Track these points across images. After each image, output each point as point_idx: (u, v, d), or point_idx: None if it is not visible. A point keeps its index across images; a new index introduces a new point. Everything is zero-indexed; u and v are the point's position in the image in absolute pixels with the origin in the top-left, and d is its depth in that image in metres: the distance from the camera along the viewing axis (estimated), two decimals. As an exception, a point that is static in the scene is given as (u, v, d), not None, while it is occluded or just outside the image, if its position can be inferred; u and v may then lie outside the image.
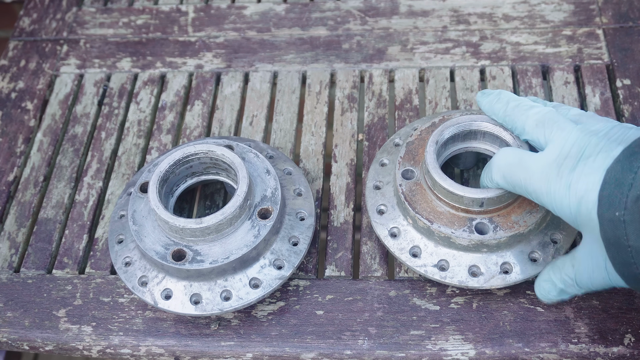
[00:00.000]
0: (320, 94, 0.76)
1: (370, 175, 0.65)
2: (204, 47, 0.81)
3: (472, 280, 0.58)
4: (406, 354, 0.59)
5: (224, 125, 0.74)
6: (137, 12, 0.86)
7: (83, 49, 0.83)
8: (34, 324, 0.63)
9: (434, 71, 0.76)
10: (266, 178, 0.61)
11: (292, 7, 0.84)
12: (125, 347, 0.61)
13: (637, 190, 0.45)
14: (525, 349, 0.58)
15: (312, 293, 0.62)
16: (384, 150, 0.66)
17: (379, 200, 0.62)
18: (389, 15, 0.81)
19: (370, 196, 0.63)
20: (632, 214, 0.45)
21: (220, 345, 0.60)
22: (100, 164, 0.73)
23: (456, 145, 0.62)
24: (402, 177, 0.60)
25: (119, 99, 0.78)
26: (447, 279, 0.58)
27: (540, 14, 0.79)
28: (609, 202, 0.47)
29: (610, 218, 0.47)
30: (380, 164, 0.65)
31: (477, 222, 0.57)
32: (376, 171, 0.65)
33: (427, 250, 0.59)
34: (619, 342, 0.58)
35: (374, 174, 0.64)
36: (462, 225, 0.57)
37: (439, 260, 0.58)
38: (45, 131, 0.76)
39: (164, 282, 0.59)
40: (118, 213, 0.65)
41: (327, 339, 0.60)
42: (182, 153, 0.61)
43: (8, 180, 0.73)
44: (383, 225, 0.61)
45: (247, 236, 0.58)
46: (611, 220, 0.47)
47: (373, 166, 0.65)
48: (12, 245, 0.68)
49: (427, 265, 0.59)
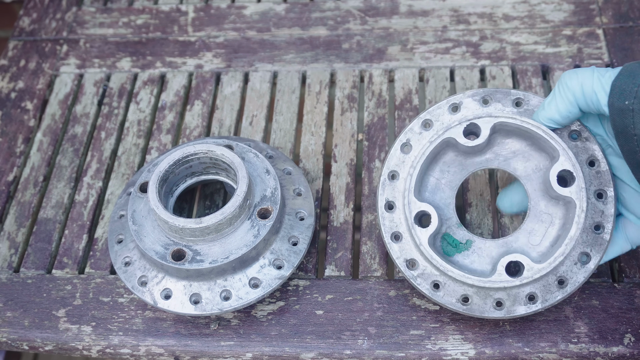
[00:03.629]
0: (320, 93, 0.76)
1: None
2: (203, 47, 0.81)
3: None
4: (406, 354, 0.59)
5: (223, 125, 0.74)
6: (137, 12, 0.86)
7: (83, 48, 0.83)
8: (33, 324, 0.63)
9: (434, 71, 0.76)
10: (266, 178, 0.61)
11: (292, 7, 0.84)
12: (125, 347, 0.61)
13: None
14: (525, 348, 0.58)
15: (311, 293, 0.62)
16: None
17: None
18: (389, 15, 0.81)
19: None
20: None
21: (220, 345, 0.60)
22: (100, 164, 0.73)
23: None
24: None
25: (118, 99, 0.78)
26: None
27: (540, 13, 0.79)
28: (620, 91, 0.49)
29: (620, 107, 0.48)
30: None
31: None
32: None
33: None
34: (618, 342, 0.58)
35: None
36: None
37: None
38: (45, 131, 0.76)
39: (163, 281, 0.59)
40: (118, 213, 0.65)
41: (327, 338, 0.60)
42: (182, 153, 0.61)
43: (8, 180, 0.73)
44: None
45: (246, 236, 0.58)
46: (621, 109, 0.48)
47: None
48: (12, 245, 0.68)
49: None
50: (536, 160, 0.59)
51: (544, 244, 0.58)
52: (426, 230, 0.56)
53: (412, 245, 0.58)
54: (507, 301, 0.56)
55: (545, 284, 0.55)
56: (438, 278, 0.57)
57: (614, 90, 0.49)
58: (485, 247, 0.59)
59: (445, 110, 0.59)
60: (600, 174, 0.56)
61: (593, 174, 0.56)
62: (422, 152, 0.58)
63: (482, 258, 0.58)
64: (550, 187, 0.56)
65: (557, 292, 0.55)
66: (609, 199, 0.56)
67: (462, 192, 0.67)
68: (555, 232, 0.58)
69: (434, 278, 0.57)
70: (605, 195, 0.56)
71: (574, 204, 0.55)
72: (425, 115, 0.59)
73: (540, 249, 0.58)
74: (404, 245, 0.58)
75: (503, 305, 0.56)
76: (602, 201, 0.56)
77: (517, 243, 0.58)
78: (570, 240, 0.54)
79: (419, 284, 0.57)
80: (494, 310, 0.56)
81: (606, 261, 0.58)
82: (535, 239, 0.58)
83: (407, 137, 0.60)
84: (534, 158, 0.59)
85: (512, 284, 0.55)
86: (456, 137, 0.57)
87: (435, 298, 0.57)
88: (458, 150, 0.60)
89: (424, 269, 0.57)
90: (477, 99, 0.59)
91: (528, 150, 0.59)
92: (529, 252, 0.58)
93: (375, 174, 0.69)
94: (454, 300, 0.56)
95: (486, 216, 0.65)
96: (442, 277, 0.57)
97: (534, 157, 0.59)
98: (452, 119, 0.59)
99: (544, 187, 0.58)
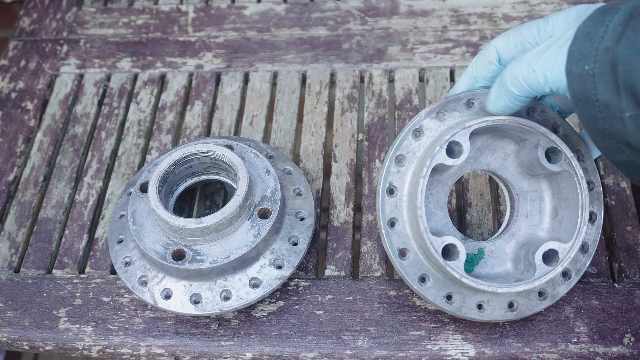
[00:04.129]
0: (320, 94, 0.76)
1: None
2: (204, 47, 0.81)
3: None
4: (406, 354, 0.59)
5: (224, 125, 0.74)
6: (137, 12, 0.86)
7: (83, 49, 0.83)
8: (33, 323, 0.63)
9: (434, 71, 0.76)
10: (266, 178, 0.61)
11: (292, 7, 0.84)
12: (125, 347, 0.61)
13: (608, 42, 0.44)
14: (525, 348, 0.58)
15: (312, 293, 0.62)
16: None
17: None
18: (389, 15, 0.81)
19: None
20: (602, 66, 0.45)
21: (220, 345, 0.60)
22: (100, 164, 0.73)
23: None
24: None
25: (119, 99, 0.78)
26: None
27: (540, 14, 0.79)
28: (579, 56, 0.46)
29: (579, 73, 0.46)
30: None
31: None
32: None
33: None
34: (618, 342, 0.58)
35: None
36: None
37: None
38: (45, 131, 0.76)
39: (163, 281, 0.59)
40: (118, 213, 0.65)
41: (327, 338, 0.60)
42: (182, 153, 0.61)
43: (8, 180, 0.73)
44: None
45: (246, 236, 0.58)
46: (580, 75, 0.46)
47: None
48: (12, 245, 0.68)
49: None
50: (502, 149, 0.59)
51: (545, 220, 0.59)
52: (459, 261, 0.54)
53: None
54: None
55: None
56: (452, 289, 0.57)
57: (571, 56, 0.46)
58: (497, 248, 0.59)
59: (410, 138, 0.58)
60: (568, 136, 0.58)
61: (562, 138, 0.58)
62: (420, 190, 0.54)
63: (499, 259, 0.59)
64: (533, 167, 0.57)
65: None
66: (587, 155, 0.58)
67: (462, 192, 0.67)
68: (549, 203, 0.59)
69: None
70: (581, 153, 0.58)
71: (562, 174, 0.56)
72: (395, 152, 0.57)
73: (544, 226, 0.59)
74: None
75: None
76: (582, 160, 0.58)
77: (521, 231, 0.59)
78: (584, 210, 0.55)
79: (464, 313, 0.57)
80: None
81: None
82: (534, 219, 0.59)
83: (389, 180, 0.57)
84: (499, 147, 0.59)
85: (556, 272, 0.54)
86: (443, 161, 0.54)
87: (481, 317, 0.57)
88: (434, 171, 0.58)
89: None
90: (432, 115, 0.57)
91: (490, 142, 0.59)
92: (537, 234, 0.58)
93: (376, 174, 0.69)
94: (503, 311, 0.57)
95: (486, 216, 0.65)
96: (485, 295, 0.57)
97: (499, 145, 0.59)
98: (420, 144, 0.57)
99: (520, 170, 0.59)
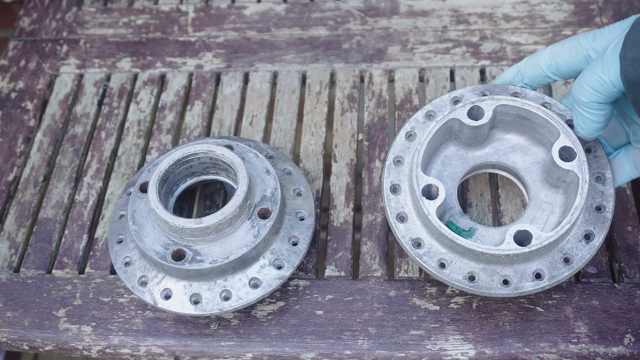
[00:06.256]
0: (320, 94, 0.76)
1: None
2: (204, 47, 0.81)
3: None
4: (406, 354, 0.59)
5: (223, 125, 0.74)
6: (137, 12, 0.86)
7: (83, 49, 0.83)
8: (33, 324, 0.63)
9: (434, 71, 0.76)
10: (266, 178, 0.61)
11: (292, 7, 0.84)
12: (125, 347, 0.61)
13: None
14: (525, 349, 0.58)
15: (311, 293, 0.62)
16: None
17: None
18: (389, 15, 0.81)
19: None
20: None
21: (220, 345, 0.60)
22: (100, 164, 0.73)
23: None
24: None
25: (119, 99, 0.78)
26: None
27: (541, 14, 0.79)
28: (634, 42, 0.49)
29: (633, 57, 0.49)
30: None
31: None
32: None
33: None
34: (618, 342, 0.58)
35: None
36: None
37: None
38: (45, 131, 0.76)
39: (163, 282, 0.59)
40: (118, 213, 0.65)
41: (327, 339, 0.60)
42: (182, 153, 0.61)
43: (8, 180, 0.73)
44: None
45: (246, 236, 0.58)
46: (634, 59, 0.49)
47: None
48: (12, 245, 0.68)
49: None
50: (534, 154, 0.62)
51: (546, 231, 0.59)
52: (434, 202, 0.57)
53: (419, 224, 0.58)
54: (514, 278, 0.56)
55: (552, 260, 0.56)
56: (444, 256, 0.57)
57: (626, 42, 0.49)
58: (488, 234, 0.60)
59: (447, 103, 0.62)
60: (598, 158, 0.58)
61: (591, 158, 0.58)
62: (429, 132, 0.59)
63: (485, 245, 0.59)
64: (551, 169, 0.58)
65: (563, 268, 0.56)
66: (608, 180, 0.58)
67: (462, 192, 0.67)
68: (557, 219, 0.59)
69: (440, 256, 0.57)
70: (603, 177, 0.58)
71: (575, 185, 0.56)
72: (429, 107, 0.62)
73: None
74: (410, 226, 0.58)
75: (510, 282, 0.56)
76: (602, 183, 0.58)
77: (518, 229, 0.59)
78: (576, 210, 0.55)
79: (425, 262, 0.57)
80: (501, 288, 0.56)
81: (617, 187, 0.60)
82: (537, 226, 0.59)
83: (412, 125, 0.62)
84: (532, 152, 0.62)
85: (521, 251, 0.54)
86: (461, 117, 0.59)
87: (442, 276, 0.57)
88: (459, 144, 0.62)
89: (429, 247, 0.58)
90: (477, 92, 0.61)
91: (526, 145, 0.62)
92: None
93: (376, 174, 0.69)
94: (461, 277, 0.56)
95: (486, 216, 0.65)
96: (449, 254, 0.57)
97: (532, 151, 0.62)
98: (454, 109, 0.61)
99: (543, 177, 0.60)
